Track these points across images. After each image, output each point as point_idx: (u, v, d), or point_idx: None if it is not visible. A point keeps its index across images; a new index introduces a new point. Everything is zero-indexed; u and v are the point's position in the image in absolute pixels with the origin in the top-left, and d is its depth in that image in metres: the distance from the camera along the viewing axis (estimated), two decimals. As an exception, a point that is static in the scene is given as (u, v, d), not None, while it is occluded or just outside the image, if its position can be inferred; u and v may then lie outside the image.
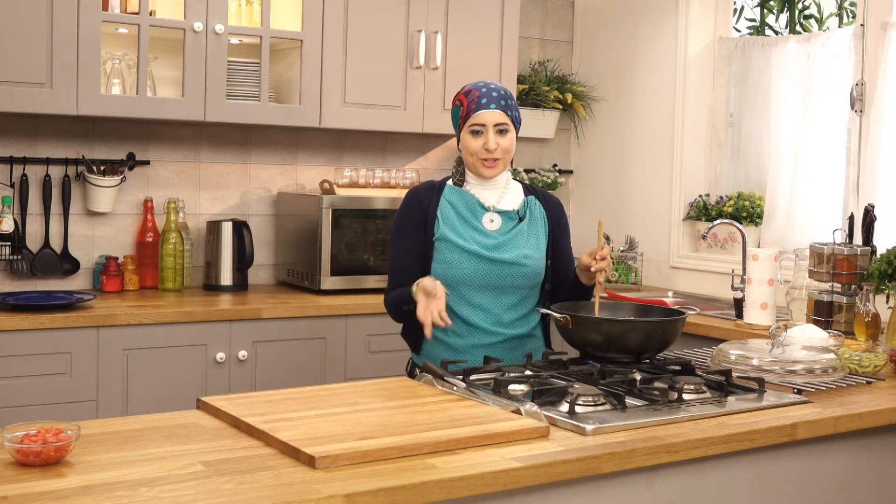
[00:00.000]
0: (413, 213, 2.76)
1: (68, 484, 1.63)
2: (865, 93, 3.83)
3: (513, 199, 2.79)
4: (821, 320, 3.23)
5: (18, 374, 3.26)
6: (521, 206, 2.78)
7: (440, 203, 2.75)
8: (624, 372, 2.41)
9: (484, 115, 2.68)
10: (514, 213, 2.76)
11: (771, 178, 4.23)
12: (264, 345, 3.66)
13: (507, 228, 2.74)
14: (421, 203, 2.76)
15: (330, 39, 3.98)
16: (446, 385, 2.31)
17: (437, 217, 2.73)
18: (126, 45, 3.81)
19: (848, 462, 2.37)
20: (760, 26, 4.89)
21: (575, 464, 1.86)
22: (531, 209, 2.80)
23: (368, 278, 4.06)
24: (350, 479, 1.68)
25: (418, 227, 2.74)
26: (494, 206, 2.75)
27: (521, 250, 2.72)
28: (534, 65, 4.88)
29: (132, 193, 4.02)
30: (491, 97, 2.69)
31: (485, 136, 2.69)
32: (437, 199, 2.76)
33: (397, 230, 2.79)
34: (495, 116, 2.68)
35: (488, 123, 2.68)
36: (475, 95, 2.70)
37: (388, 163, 4.54)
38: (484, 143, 2.68)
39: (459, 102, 2.74)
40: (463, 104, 2.72)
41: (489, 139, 2.68)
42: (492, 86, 2.72)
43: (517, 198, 2.79)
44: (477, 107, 2.69)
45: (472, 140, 2.70)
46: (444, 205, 2.75)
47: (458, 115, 2.74)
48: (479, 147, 2.69)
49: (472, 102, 2.69)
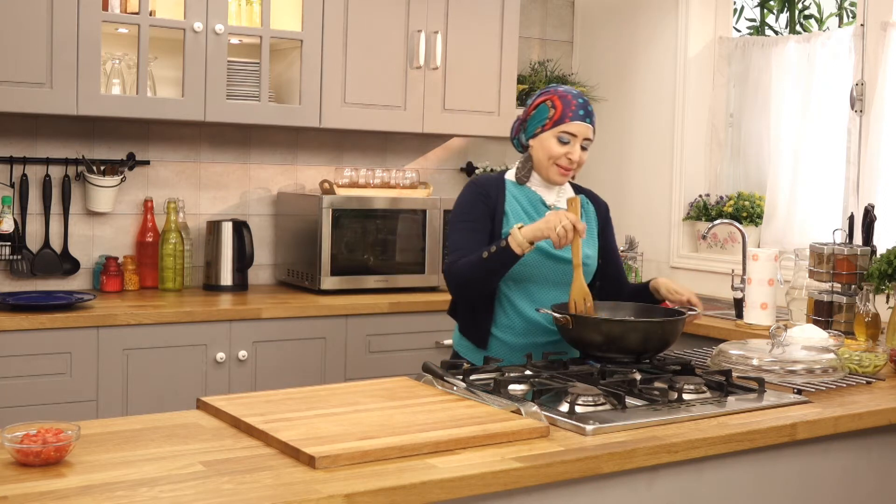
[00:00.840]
0: (481, 201, 2.74)
1: (68, 484, 1.63)
2: (865, 93, 3.83)
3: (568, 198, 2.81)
4: (821, 320, 3.23)
5: (18, 374, 3.26)
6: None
7: (506, 198, 2.77)
8: (624, 372, 2.41)
9: (578, 127, 2.70)
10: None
11: (771, 178, 4.24)
12: (264, 345, 3.66)
13: None
14: (488, 194, 2.76)
15: (330, 39, 3.98)
16: (446, 385, 2.31)
17: (506, 212, 2.74)
18: (126, 45, 3.81)
19: (848, 462, 2.37)
20: (760, 26, 4.89)
21: (575, 464, 1.86)
22: (585, 208, 2.85)
23: (368, 278, 4.06)
24: (350, 479, 1.68)
25: (488, 214, 2.74)
26: (555, 204, 2.79)
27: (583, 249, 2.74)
28: (534, 65, 4.88)
29: (132, 193, 4.02)
30: (587, 110, 2.71)
31: (571, 146, 2.70)
32: (503, 193, 2.77)
33: (463, 212, 2.75)
34: (586, 131, 2.71)
35: (579, 135, 2.70)
36: (572, 103, 2.70)
37: (388, 163, 4.54)
38: (568, 152, 2.70)
39: (551, 103, 2.72)
40: (556, 107, 2.71)
41: (575, 150, 2.70)
42: (584, 98, 2.73)
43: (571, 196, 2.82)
44: (574, 116, 2.69)
45: (557, 146, 2.71)
46: (511, 200, 2.77)
47: (546, 115, 2.72)
48: (562, 154, 2.71)
49: (569, 109, 2.69)
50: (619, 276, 2.91)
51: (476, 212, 2.73)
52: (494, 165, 4.73)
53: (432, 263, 4.15)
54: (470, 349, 2.79)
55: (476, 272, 2.62)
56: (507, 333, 2.73)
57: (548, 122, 2.71)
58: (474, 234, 2.71)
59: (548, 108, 2.72)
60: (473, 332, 2.77)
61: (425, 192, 4.25)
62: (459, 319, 2.82)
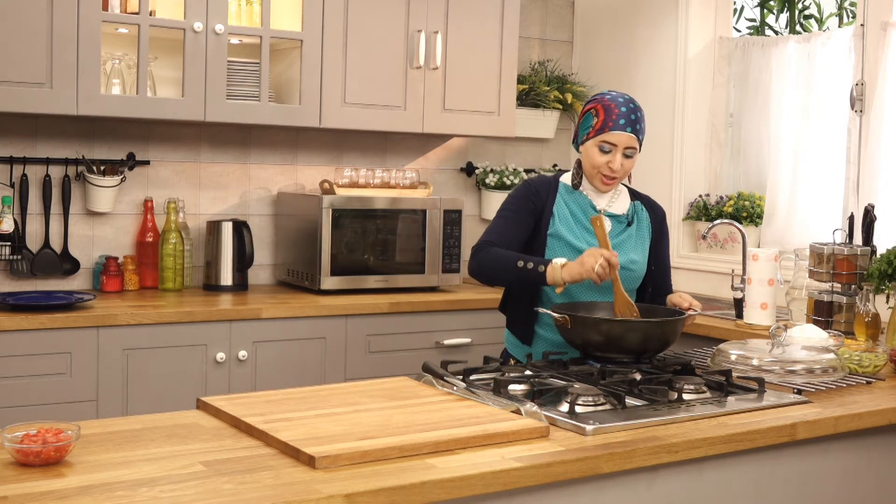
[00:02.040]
0: (531, 200, 2.79)
1: (68, 484, 1.63)
2: (865, 93, 3.83)
3: (622, 203, 2.84)
4: (821, 320, 3.23)
5: (18, 374, 3.26)
6: (629, 210, 2.84)
7: (556, 200, 2.79)
8: (624, 372, 2.41)
9: (617, 136, 2.70)
10: (623, 218, 2.82)
11: (771, 178, 4.23)
12: (264, 345, 3.66)
13: (616, 232, 2.79)
14: (539, 194, 2.80)
15: (330, 39, 3.98)
16: (446, 385, 2.31)
17: (554, 213, 2.77)
18: (126, 45, 3.81)
19: (848, 462, 2.37)
20: (760, 26, 4.89)
21: (575, 464, 1.86)
22: (638, 214, 2.86)
23: (368, 278, 4.06)
24: (350, 479, 1.68)
25: (533, 214, 2.77)
26: (606, 209, 2.80)
27: (628, 255, 2.77)
28: (534, 65, 4.88)
29: (132, 193, 4.02)
30: (628, 118, 2.70)
31: (612, 155, 2.71)
32: (553, 195, 2.80)
33: (510, 207, 2.80)
34: (628, 140, 2.71)
35: (619, 145, 2.71)
36: (614, 112, 2.70)
37: (388, 163, 4.54)
38: (609, 161, 2.71)
39: (595, 112, 2.74)
40: (599, 116, 2.72)
41: (615, 160, 2.71)
42: (630, 105, 2.73)
43: (625, 202, 2.85)
44: (613, 125, 2.69)
45: (599, 155, 2.73)
46: (560, 202, 2.80)
47: (590, 123, 2.74)
48: (604, 164, 2.72)
49: (610, 118, 2.70)
50: (664, 284, 2.93)
51: (521, 208, 2.79)
52: (494, 165, 4.73)
53: (432, 263, 4.15)
54: (515, 344, 2.84)
55: (504, 271, 2.71)
56: (549, 331, 2.77)
57: (591, 130, 2.74)
58: (514, 227, 2.76)
59: (592, 116, 2.75)
60: (518, 327, 2.83)
61: (425, 192, 4.25)
62: (508, 314, 2.89)
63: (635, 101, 2.77)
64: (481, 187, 4.71)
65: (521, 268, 2.65)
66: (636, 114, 2.73)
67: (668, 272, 2.96)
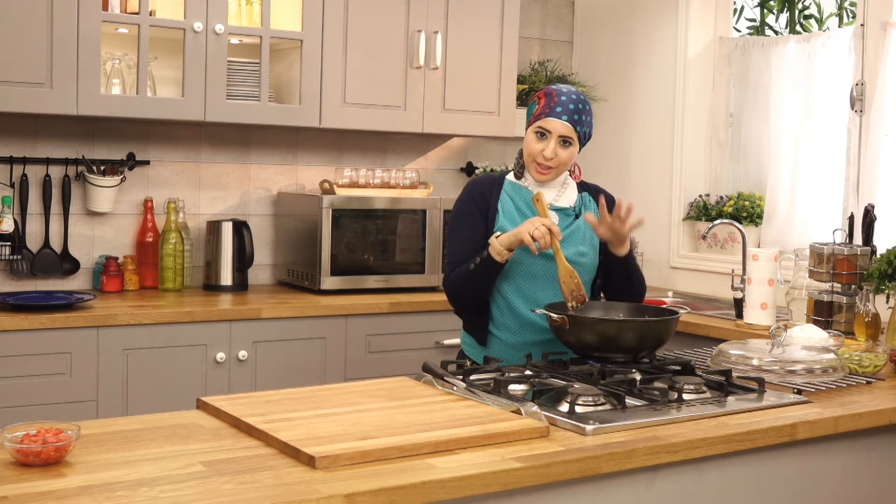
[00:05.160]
0: (475, 201, 2.77)
1: (68, 484, 1.63)
2: (865, 93, 3.83)
3: (569, 196, 2.81)
4: (821, 320, 3.23)
5: (18, 374, 3.26)
6: (576, 202, 2.81)
7: (500, 196, 2.77)
8: (624, 372, 2.41)
9: (552, 123, 2.68)
10: (571, 211, 2.79)
11: (771, 178, 4.23)
12: (264, 345, 3.66)
13: (563, 225, 2.75)
14: (483, 194, 2.78)
15: (330, 39, 3.98)
16: (446, 385, 2.31)
17: (498, 210, 2.75)
18: (126, 45, 3.81)
19: (848, 462, 2.37)
20: (760, 26, 4.89)
21: (575, 464, 1.86)
22: (585, 206, 2.82)
23: (368, 278, 4.06)
24: (350, 479, 1.68)
25: (481, 215, 2.76)
26: (551, 203, 2.77)
27: (577, 248, 2.74)
28: (534, 65, 4.88)
29: (132, 193, 4.02)
30: (567, 108, 2.68)
31: (546, 142, 2.69)
32: (497, 192, 2.78)
33: (459, 217, 2.79)
34: (563, 128, 2.68)
35: (554, 132, 2.68)
36: (554, 99, 2.69)
37: (388, 163, 4.54)
38: (543, 148, 2.69)
39: (537, 99, 2.74)
40: (540, 103, 2.72)
41: (549, 147, 2.68)
42: (573, 96, 2.70)
43: (572, 195, 2.82)
44: (550, 112, 2.68)
45: (535, 142, 2.71)
46: (505, 198, 2.77)
47: (532, 111, 2.74)
48: (538, 151, 2.70)
49: (548, 105, 2.69)
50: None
51: (469, 215, 2.76)
52: (494, 165, 4.73)
53: (432, 263, 4.15)
54: (473, 347, 2.81)
55: (467, 284, 2.69)
56: (504, 332, 2.74)
57: (532, 118, 2.73)
58: (469, 239, 2.74)
59: (535, 104, 2.74)
60: (474, 329, 2.79)
61: (425, 192, 4.25)
62: (463, 317, 2.85)
63: (582, 95, 2.73)
64: (481, 187, 4.70)
65: (474, 268, 2.64)
66: (578, 105, 2.69)
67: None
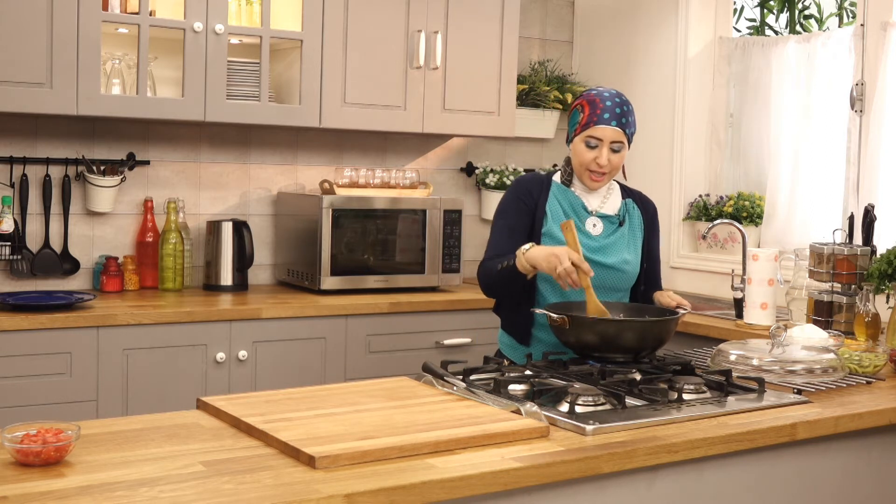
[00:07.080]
0: (523, 199, 2.78)
1: (68, 484, 1.63)
2: (865, 93, 3.83)
3: (613, 202, 2.83)
4: (821, 320, 3.23)
5: (18, 374, 3.26)
6: (620, 209, 2.83)
7: (549, 198, 2.78)
8: (624, 372, 2.41)
9: (602, 131, 2.69)
10: (615, 218, 2.81)
11: (771, 178, 4.23)
12: (264, 345, 3.66)
13: (608, 232, 2.78)
14: (530, 193, 2.78)
15: (330, 39, 3.98)
16: (446, 385, 2.31)
17: (546, 212, 2.76)
18: (126, 45, 3.81)
19: (848, 462, 2.37)
20: (760, 26, 4.89)
21: (575, 464, 1.86)
22: (629, 213, 2.84)
23: (368, 278, 4.06)
24: (350, 479, 1.68)
25: (528, 212, 2.76)
26: (597, 210, 2.79)
27: (622, 255, 2.76)
28: (534, 65, 4.88)
29: (132, 193, 4.02)
30: (613, 112, 2.69)
31: (598, 150, 2.70)
32: (546, 193, 2.79)
33: (506, 209, 2.80)
34: (612, 133, 2.69)
35: (605, 139, 2.69)
36: (599, 107, 2.69)
37: (388, 163, 4.54)
38: (596, 157, 2.70)
39: (580, 108, 2.74)
40: (584, 111, 2.72)
41: (602, 155, 2.70)
42: (616, 99, 2.71)
43: (616, 201, 2.84)
44: (598, 120, 2.68)
45: (586, 151, 2.72)
46: (553, 200, 2.78)
47: (577, 120, 2.74)
48: (591, 160, 2.71)
49: (594, 113, 2.69)
50: (654, 278, 2.93)
51: (516, 208, 2.77)
52: (494, 165, 4.73)
53: (432, 263, 4.15)
54: (512, 346, 2.82)
55: (493, 280, 2.73)
56: (545, 332, 2.75)
57: (578, 127, 2.74)
58: (510, 234, 2.75)
59: (578, 112, 2.75)
60: (515, 328, 2.81)
61: (425, 192, 4.25)
62: (503, 316, 2.87)
63: (623, 96, 2.75)
64: (481, 187, 4.71)
65: (501, 270, 2.66)
66: (622, 108, 2.71)
67: (658, 265, 2.96)
